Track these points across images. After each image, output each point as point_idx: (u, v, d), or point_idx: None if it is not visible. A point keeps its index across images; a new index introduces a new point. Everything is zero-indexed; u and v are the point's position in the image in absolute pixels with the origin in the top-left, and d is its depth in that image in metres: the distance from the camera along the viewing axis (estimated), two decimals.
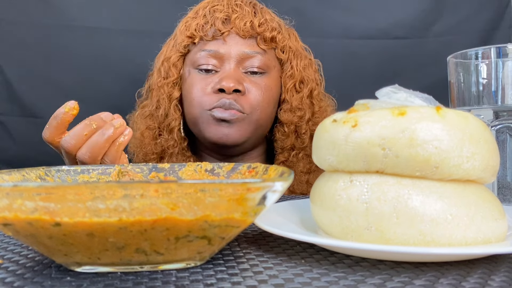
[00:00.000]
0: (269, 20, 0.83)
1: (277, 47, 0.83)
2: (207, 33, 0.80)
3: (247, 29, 0.80)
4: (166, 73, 0.84)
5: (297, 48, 0.86)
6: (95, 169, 0.46)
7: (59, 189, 0.28)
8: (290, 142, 0.85)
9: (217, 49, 0.80)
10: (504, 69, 0.56)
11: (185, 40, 0.82)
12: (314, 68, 0.89)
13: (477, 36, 1.29)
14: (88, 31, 1.20)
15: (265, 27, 0.81)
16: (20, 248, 0.40)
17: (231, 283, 0.30)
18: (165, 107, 0.83)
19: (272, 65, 0.83)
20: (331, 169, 0.38)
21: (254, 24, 0.80)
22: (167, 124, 0.83)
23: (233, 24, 0.80)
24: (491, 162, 0.36)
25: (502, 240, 0.36)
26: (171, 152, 0.84)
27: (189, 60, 0.83)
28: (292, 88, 0.84)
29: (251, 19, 0.80)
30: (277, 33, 0.82)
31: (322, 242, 0.35)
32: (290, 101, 0.84)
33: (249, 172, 0.44)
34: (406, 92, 0.39)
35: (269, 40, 0.81)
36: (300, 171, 0.86)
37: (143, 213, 0.29)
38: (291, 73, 0.84)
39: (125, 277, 0.32)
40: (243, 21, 0.80)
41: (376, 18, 1.29)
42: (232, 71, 0.79)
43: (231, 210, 0.30)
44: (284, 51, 0.84)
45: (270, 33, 0.81)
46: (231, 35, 0.80)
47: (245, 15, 0.81)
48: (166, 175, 0.48)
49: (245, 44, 0.80)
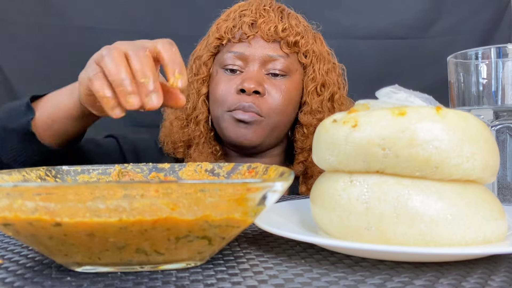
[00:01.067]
0: (294, 25, 0.86)
1: (299, 51, 0.86)
2: (235, 36, 0.85)
3: (271, 33, 0.84)
4: (197, 70, 0.89)
5: (321, 52, 0.89)
6: (95, 169, 0.46)
7: (59, 189, 0.28)
8: (309, 143, 0.88)
9: (242, 51, 0.84)
10: (504, 69, 0.56)
11: (215, 41, 0.87)
12: (338, 72, 0.92)
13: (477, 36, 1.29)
14: (88, 31, 1.20)
15: (289, 32, 0.85)
16: (20, 248, 0.40)
17: (231, 283, 0.30)
18: (194, 101, 0.88)
19: (294, 69, 0.86)
20: (331, 169, 0.38)
21: (278, 29, 0.84)
22: (195, 116, 0.88)
23: (259, 28, 0.84)
24: (491, 162, 0.36)
25: (502, 240, 0.36)
26: (197, 142, 0.88)
27: (218, 60, 0.87)
28: (313, 91, 0.88)
29: (276, 24, 0.85)
30: (301, 38, 0.86)
31: (322, 242, 0.35)
32: (310, 103, 0.87)
33: (249, 173, 0.44)
34: (406, 92, 0.39)
35: (292, 44, 0.85)
36: (318, 172, 0.88)
37: (143, 213, 0.29)
38: (313, 76, 0.87)
39: (125, 277, 0.32)
40: (268, 26, 0.84)
41: (376, 18, 1.29)
42: (255, 72, 0.83)
43: (231, 210, 0.30)
44: (306, 55, 0.87)
45: (293, 37, 0.85)
46: (256, 39, 0.84)
47: (271, 20, 0.85)
48: (166, 175, 0.48)
49: (268, 48, 0.84)
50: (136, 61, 0.47)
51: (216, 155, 0.89)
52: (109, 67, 0.47)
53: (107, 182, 0.45)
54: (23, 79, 1.19)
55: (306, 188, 0.90)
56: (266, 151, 0.89)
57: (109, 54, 0.48)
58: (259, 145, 0.84)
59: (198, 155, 0.87)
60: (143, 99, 0.46)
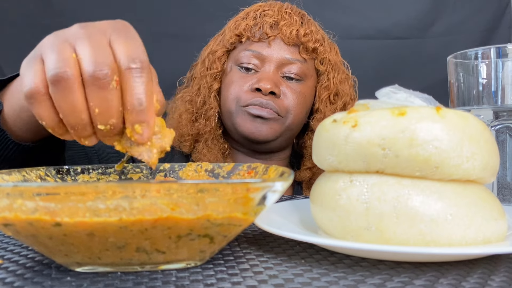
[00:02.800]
0: (314, 31, 0.87)
1: (317, 58, 0.87)
2: (255, 35, 0.84)
3: (292, 37, 0.84)
4: (210, 65, 0.88)
5: (336, 62, 0.90)
6: (95, 169, 0.46)
7: (59, 189, 0.28)
8: None
9: (261, 51, 0.84)
10: (504, 69, 0.56)
11: (233, 37, 0.86)
12: (350, 84, 0.93)
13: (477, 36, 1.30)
14: None
15: (309, 38, 0.85)
16: (20, 248, 0.40)
17: (231, 283, 0.30)
18: (204, 96, 0.88)
19: (310, 74, 0.87)
20: (331, 169, 0.38)
21: (299, 33, 0.84)
22: (205, 111, 0.88)
23: (280, 30, 0.84)
24: (491, 162, 0.36)
25: (502, 240, 0.36)
26: (206, 138, 0.88)
27: (233, 57, 0.87)
28: (326, 99, 0.88)
29: (298, 28, 0.85)
30: (320, 45, 0.86)
31: (322, 242, 0.35)
32: (323, 111, 0.88)
33: (249, 173, 0.44)
34: (406, 92, 0.39)
35: (311, 50, 0.85)
36: None
37: (143, 213, 0.29)
38: (327, 84, 0.88)
39: (125, 277, 0.32)
40: (289, 29, 0.84)
41: (376, 18, 1.29)
42: (271, 74, 0.83)
43: (231, 210, 0.30)
44: (323, 63, 0.88)
45: (313, 44, 0.85)
46: (276, 40, 0.84)
47: (293, 24, 0.85)
48: (166, 175, 0.48)
49: (287, 50, 0.84)
50: (97, 98, 0.34)
51: (224, 153, 0.88)
52: (59, 100, 0.34)
53: (107, 182, 0.45)
54: None
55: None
56: (273, 153, 0.89)
57: (60, 71, 0.34)
58: (271, 142, 0.84)
59: (208, 151, 0.87)
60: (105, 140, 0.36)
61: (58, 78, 0.33)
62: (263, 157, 0.89)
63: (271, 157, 0.90)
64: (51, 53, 0.35)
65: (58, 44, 0.35)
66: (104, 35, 0.36)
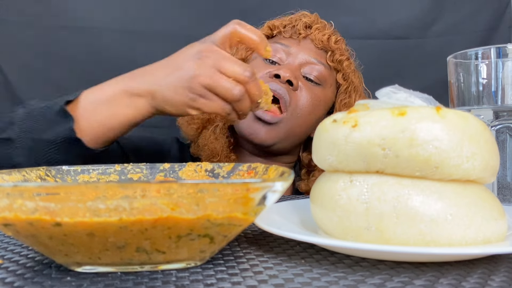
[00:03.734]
0: (343, 47, 0.88)
1: (340, 71, 0.87)
2: (287, 30, 0.86)
3: (324, 40, 0.85)
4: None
5: (358, 86, 0.90)
6: (95, 169, 0.46)
7: (59, 189, 0.28)
8: None
9: (289, 46, 0.84)
10: (504, 69, 0.56)
11: (265, 29, 0.87)
12: None
13: (477, 36, 1.29)
14: (88, 31, 1.20)
15: (339, 47, 0.86)
16: (20, 248, 0.40)
17: (231, 283, 0.30)
18: None
19: (329, 83, 0.86)
20: (331, 169, 0.38)
21: (331, 39, 0.85)
22: None
23: (313, 31, 0.85)
24: (491, 162, 0.36)
25: (502, 240, 0.36)
26: (215, 125, 0.87)
27: None
28: None
29: (330, 34, 0.86)
30: (346, 59, 0.87)
31: (322, 242, 0.35)
32: None
33: (248, 173, 0.44)
34: (406, 92, 0.39)
35: (337, 60, 0.86)
36: None
37: (143, 213, 0.29)
38: (347, 102, 0.88)
39: (125, 277, 0.32)
40: (322, 32, 0.85)
41: (376, 18, 1.29)
42: (293, 67, 0.82)
43: (231, 210, 0.30)
44: (345, 79, 0.88)
45: (340, 55, 0.86)
46: (307, 40, 0.85)
47: (326, 29, 0.87)
48: (166, 175, 0.48)
49: (315, 52, 0.85)
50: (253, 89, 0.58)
51: (229, 147, 0.87)
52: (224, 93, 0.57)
53: (107, 182, 0.45)
54: (23, 79, 1.19)
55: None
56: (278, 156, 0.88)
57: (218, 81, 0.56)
58: (270, 147, 0.83)
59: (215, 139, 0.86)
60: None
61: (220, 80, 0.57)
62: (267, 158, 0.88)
63: (275, 160, 0.89)
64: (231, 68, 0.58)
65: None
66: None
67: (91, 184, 0.28)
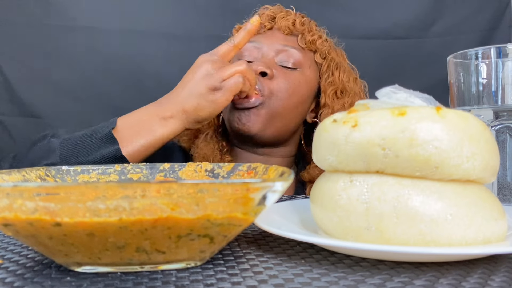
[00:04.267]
0: (313, 27, 0.89)
1: (317, 50, 0.88)
2: None
3: (289, 26, 0.86)
4: None
5: (341, 62, 0.91)
6: (95, 169, 0.46)
7: (59, 189, 0.28)
8: None
9: (259, 41, 0.86)
10: (504, 69, 0.56)
11: (234, 32, 0.90)
12: (360, 86, 0.93)
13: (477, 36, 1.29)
14: (88, 31, 1.20)
15: (306, 28, 0.87)
16: (20, 248, 0.40)
17: (231, 283, 0.30)
18: None
19: (307, 65, 0.87)
20: (331, 169, 0.38)
21: (296, 23, 0.87)
22: None
23: (277, 21, 0.87)
24: (491, 162, 0.36)
25: (502, 240, 0.36)
26: (206, 133, 0.89)
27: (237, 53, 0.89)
28: (333, 94, 0.88)
29: (294, 19, 0.88)
30: (318, 37, 0.88)
31: (322, 242, 0.35)
32: (331, 105, 0.88)
33: (248, 173, 0.44)
34: (406, 92, 0.39)
35: (309, 41, 0.87)
36: None
37: (143, 213, 0.29)
38: (331, 80, 0.88)
39: (125, 277, 0.32)
40: (286, 19, 0.87)
41: (376, 18, 1.29)
42: (266, 59, 0.84)
43: (231, 210, 0.30)
44: (324, 57, 0.89)
45: (311, 35, 0.87)
46: (274, 31, 0.87)
47: (290, 16, 0.88)
48: (166, 176, 0.48)
49: (284, 39, 0.86)
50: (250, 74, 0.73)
51: (222, 151, 0.88)
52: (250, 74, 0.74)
53: (107, 182, 0.45)
54: (23, 79, 1.19)
55: None
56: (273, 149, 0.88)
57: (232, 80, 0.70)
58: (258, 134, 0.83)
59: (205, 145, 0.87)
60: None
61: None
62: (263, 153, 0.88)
63: (271, 153, 0.89)
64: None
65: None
66: None
67: (91, 184, 0.28)
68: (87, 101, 1.19)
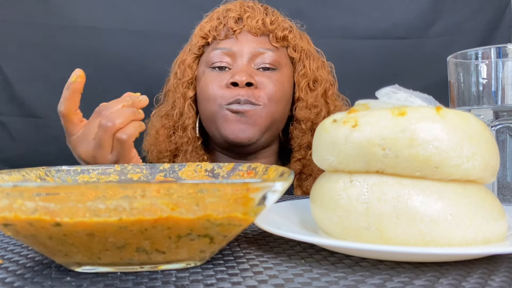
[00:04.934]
0: (280, 20, 0.86)
1: (289, 45, 0.86)
2: (220, 33, 0.83)
3: (259, 27, 0.83)
4: (182, 74, 0.87)
5: (309, 49, 0.89)
6: (95, 169, 0.46)
7: (59, 189, 0.28)
8: (307, 140, 0.87)
9: (230, 47, 0.82)
10: (504, 69, 0.56)
11: (199, 41, 0.85)
12: (328, 70, 0.91)
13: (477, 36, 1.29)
14: (88, 31, 1.20)
15: (277, 26, 0.84)
16: (20, 248, 0.40)
17: (231, 283, 0.30)
18: (180, 107, 0.86)
19: (284, 63, 0.85)
20: (331, 169, 0.38)
21: (266, 22, 0.83)
22: (182, 123, 0.86)
23: (245, 23, 0.83)
24: (491, 162, 0.36)
25: (502, 240, 0.36)
26: (185, 150, 0.86)
27: (204, 60, 0.85)
28: (306, 86, 0.87)
29: (263, 18, 0.84)
30: (289, 32, 0.85)
31: (322, 242, 0.35)
32: (305, 98, 0.86)
33: (248, 173, 0.44)
34: (406, 92, 0.39)
35: (280, 38, 0.84)
36: (317, 170, 0.87)
37: (143, 213, 0.29)
38: (304, 72, 0.87)
39: (125, 277, 0.32)
40: (254, 20, 0.83)
41: (376, 18, 1.29)
42: (244, 67, 0.81)
43: (231, 210, 0.30)
44: (296, 50, 0.86)
45: (282, 32, 0.84)
46: (243, 33, 0.83)
47: (257, 14, 0.84)
48: (166, 176, 0.48)
49: (257, 42, 0.83)
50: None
51: None
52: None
53: (107, 182, 0.45)
54: (23, 79, 1.19)
55: (302, 191, 0.88)
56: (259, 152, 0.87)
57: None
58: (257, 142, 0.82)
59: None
60: None
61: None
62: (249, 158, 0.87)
63: (257, 156, 0.88)
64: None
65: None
66: None
67: (91, 184, 0.28)
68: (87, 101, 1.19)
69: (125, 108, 0.60)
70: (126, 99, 0.61)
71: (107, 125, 0.57)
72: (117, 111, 0.59)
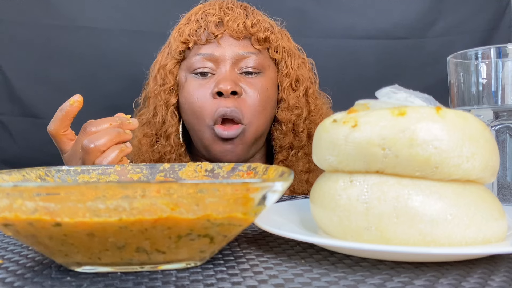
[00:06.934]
0: (261, 21, 0.83)
1: (270, 47, 0.84)
2: (201, 37, 0.80)
3: (241, 30, 0.80)
4: (163, 80, 0.84)
5: (290, 48, 0.87)
6: (95, 169, 0.46)
7: (59, 189, 0.28)
8: (289, 141, 0.86)
9: (211, 52, 0.80)
10: (504, 69, 0.56)
11: (179, 46, 0.82)
12: (308, 67, 0.89)
13: (477, 36, 1.29)
14: (88, 31, 1.20)
15: (258, 28, 0.82)
16: (20, 248, 0.40)
17: (231, 283, 0.30)
18: (162, 114, 0.84)
19: (267, 65, 0.83)
20: (331, 169, 0.38)
21: (247, 25, 0.81)
22: (164, 131, 0.84)
23: (226, 26, 0.80)
24: (491, 162, 0.36)
25: (502, 240, 0.36)
26: (168, 158, 0.84)
27: (185, 66, 0.83)
28: (288, 87, 0.85)
29: (244, 21, 0.81)
30: (270, 33, 0.83)
31: (322, 242, 0.35)
32: (287, 99, 0.84)
33: (248, 174, 0.44)
34: (406, 92, 0.39)
35: (262, 40, 0.82)
36: (300, 170, 0.86)
37: (143, 213, 0.29)
38: (287, 72, 0.85)
39: (125, 277, 0.32)
40: (236, 23, 0.80)
41: (377, 18, 1.29)
42: (228, 73, 0.79)
43: (231, 210, 0.30)
44: (277, 50, 0.84)
45: (263, 33, 0.82)
46: (225, 37, 0.81)
47: (238, 17, 0.81)
48: (166, 176, 0.48)
49: (239, 45, 0.81)
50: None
51: None
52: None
53: (107, 182, 0.45)
54: (23, 79, 1.19)
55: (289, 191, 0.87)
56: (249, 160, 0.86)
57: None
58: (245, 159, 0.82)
59: None
60: None
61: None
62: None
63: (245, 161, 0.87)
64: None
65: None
66: None
67: (91, 184, 0.28)
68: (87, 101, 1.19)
69: (111, 128, 0.58)
70: (115, 118, 0.59)
71: (89, 147, 0.56)
72: (101, 131, 0.58)
